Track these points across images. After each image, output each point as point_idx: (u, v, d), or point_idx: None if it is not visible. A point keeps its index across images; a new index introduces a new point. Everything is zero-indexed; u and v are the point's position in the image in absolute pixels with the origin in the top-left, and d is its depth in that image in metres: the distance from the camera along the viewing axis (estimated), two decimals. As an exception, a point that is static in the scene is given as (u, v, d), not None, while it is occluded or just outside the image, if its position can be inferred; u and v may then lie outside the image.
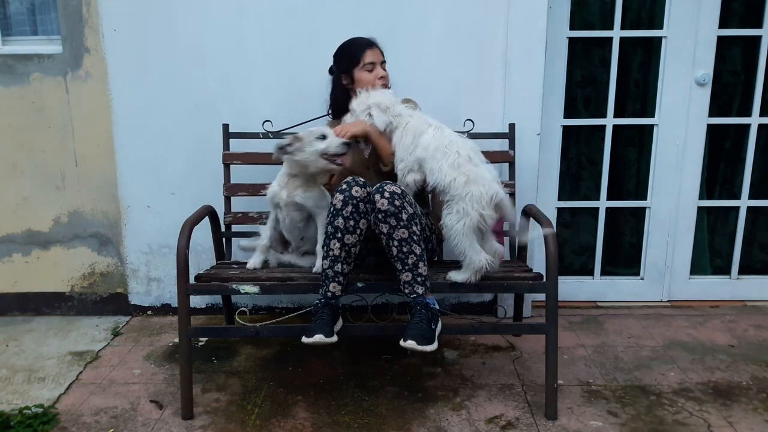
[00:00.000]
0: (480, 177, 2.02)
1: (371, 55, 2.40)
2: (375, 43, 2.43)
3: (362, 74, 2.40)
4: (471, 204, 1.99)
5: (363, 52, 2.40)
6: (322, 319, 2.01)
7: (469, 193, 1.99)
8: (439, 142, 2.08)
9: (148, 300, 3.04)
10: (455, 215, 2.01)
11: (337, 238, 2.03)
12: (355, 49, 2.41)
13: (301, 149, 2.16)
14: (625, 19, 2.86)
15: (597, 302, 3.10)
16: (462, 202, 2.00)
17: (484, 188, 2.00)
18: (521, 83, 2.74)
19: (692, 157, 2.96)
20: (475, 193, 1.99)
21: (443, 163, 2.04)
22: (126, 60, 2.78)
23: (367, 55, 2.39)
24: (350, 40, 2.45)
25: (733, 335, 2.74)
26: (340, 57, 2.45)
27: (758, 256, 3.14)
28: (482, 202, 2.00)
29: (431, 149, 2.08)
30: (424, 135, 2.12)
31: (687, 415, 2.13)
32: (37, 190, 2.94)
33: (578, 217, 3.10)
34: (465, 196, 1.99)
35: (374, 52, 2.41)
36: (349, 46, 2.44)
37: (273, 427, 2.09)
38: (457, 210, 2.01)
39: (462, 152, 2.05)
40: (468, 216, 2.00)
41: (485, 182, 2.02)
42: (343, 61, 2.44)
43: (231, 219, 2.64)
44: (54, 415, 2.16)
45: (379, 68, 2.41)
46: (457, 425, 2.09)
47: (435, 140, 2.09)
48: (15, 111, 2.86)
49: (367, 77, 2.40)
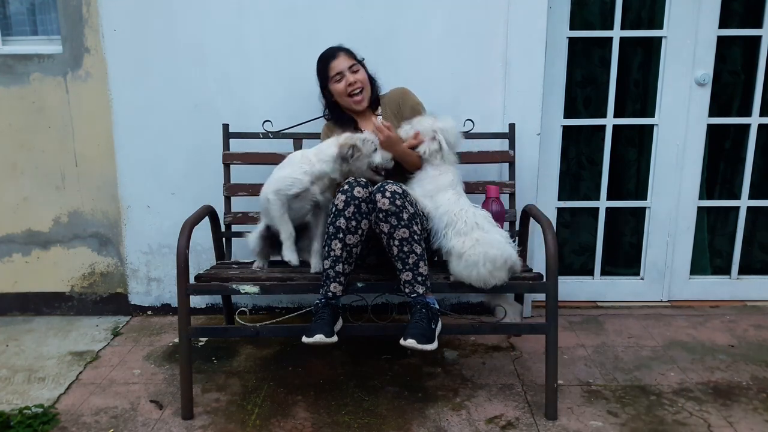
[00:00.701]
0: (494, 241, 2.10)
1: (336, 66, 2.40)
2: (340, 50, 2.43)
3: (334, 86, 2.43)
4: (484, 262, 2.06)
5: (328, 65, 2.42)
6: (323, 319, 2.01)
7: (485, 253, 2.06)
8: (450, 208, 2.17)
9: (148, 300, 3.04)
10: (464, 268, 2.08)
11: (338, 238, 2.04)
12: (322, 65, 2.45)
13: (358, 159, 2.19)
14: (625, 19, 2.85)
15: (597, 302, 3.10)
16: (473, 259, 2.06)
17: (498, 251, 2.07)
18: (521, 83, 2.74)
19: (692, 157, 2.96)
20: (490, 254, 2.06)
21: (449, 231, 2.14)
22: (126, 60, 2.78)
23: (331, 68, 2.41)
24: (320, 56, 2.47)
25: (733, 335, 2.74)
26: (317, 74, 2.49)
27: (758, 256, 3.14)
28: (496, 263, 2.07)
29: (441, 211, 2.18)
30: (442, 193, 2.23)
31: (687, 415, 2.13)
32: (37, 190, 2.94)
33: (578, 217, 3.10)
34: (479, 255, 2.06)
35: (339, 61, 2.41)
36: (319, 62, 2.47)
37: (273, 427, 2.09)
38: (466, 264, 2.07)
39: (468, 221, 2.13)
40: (477, 269, 2.07)
41: (499, 245, 2.09)
42: (319, 78, 2.48)
43: (231, 219, 2.64)
44: (54, 415, 2.16)
45: (347, 75, 2.40)
46: (457, 425, 2.09)
47: (448, 203, 2.19)
48: (15, 111, 2.86)
49: (338, 88, 2.43)
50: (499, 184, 2.62)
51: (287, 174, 2.21)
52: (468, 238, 2.09)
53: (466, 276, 2.08)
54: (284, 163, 2.30)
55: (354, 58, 2.45)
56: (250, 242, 2.36)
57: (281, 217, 2.21)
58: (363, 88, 2.43)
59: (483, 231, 2.12)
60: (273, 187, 2.20)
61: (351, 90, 2.41)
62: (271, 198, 2.19)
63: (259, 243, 2.34)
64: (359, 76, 2.43)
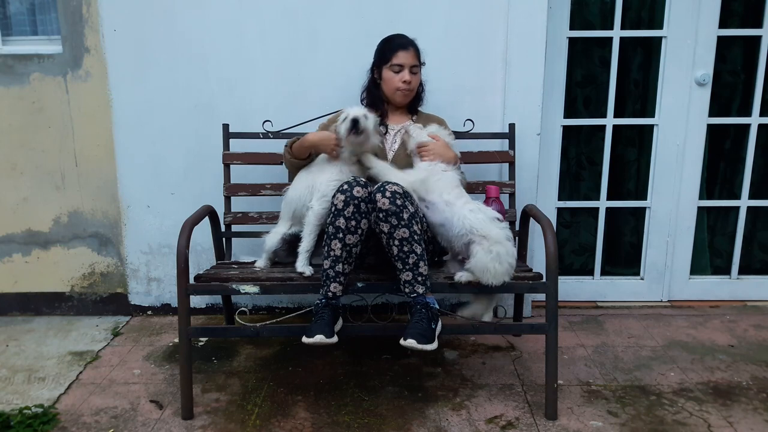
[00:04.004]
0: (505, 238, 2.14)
1: (402, 57, 2.40)
2: (412, 46, 2.43)
3: (388, 73, 2.43)
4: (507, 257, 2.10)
5: (394, 52, 2.41)
6: (323, 319, 2.01)
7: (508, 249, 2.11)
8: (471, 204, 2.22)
9: (148, 300, 3.04)
10: (491, 260, 2.07)
11: (338, 238, 2.04)
12: (389, 47, 2.43)
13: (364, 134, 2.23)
14: (625, 19, 2.86)
15: (597, 302, 3.10)
16: (498, 245, 2.08)
17: (514, 250, 2.16)
18: (521, 83, 2.74)
19: (692, 157, 2.96)
20: (512, 251, 2.12)
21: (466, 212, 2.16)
22: (126, 60, 2.78)
23: (397, 57, 2.40)
24: (390, 37, 2.47)
25: (733, 335, 2.74)
26: (377, 50, 2.48)
27: (758, 256, 3.14)
28: (513, 262, 2.13)
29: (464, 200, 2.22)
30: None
31: (687, 415, 2.13)
32: (37, 190, 2.94)
33: (578, 217, 3.10)
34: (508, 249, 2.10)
35: (406, 55, 2.40)
36: (386, 42, 2.46)
37: (273, 427, 2.09)
38: (495, 256, 2.08)
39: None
40: (501, 263, 2.08)
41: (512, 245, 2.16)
42: (377, 55, 2.48)
43: (231, 219, 2.64)
44: (54, 415, 2.16)
45: (405, 72, 2.41)
46: (457, 425, 2.09)
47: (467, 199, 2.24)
48: (15, 111, 2.86)
49: (391, 78, 2.43)
50: (499, 184, 2.62)
51: (327, 178, 2.22)
52: (502, 230, 2.12)
53: (491, 267, 2.06)
54: (313, 169, 2.30)
55: (419, 60, 2.46)
56: (269, 242, 2.35)
57: (317, 227, 2.21)
58: (411, 92, 2.46)
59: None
60: (321, 192, 2.19)
61: (404, 87, 2.42)
62: (315, 206, 2.20)
63: (280, 245, 2.34)
64: (415, 79, 2.44)
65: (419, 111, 2.56)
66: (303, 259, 2.23)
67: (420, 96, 2.54)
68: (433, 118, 2.54)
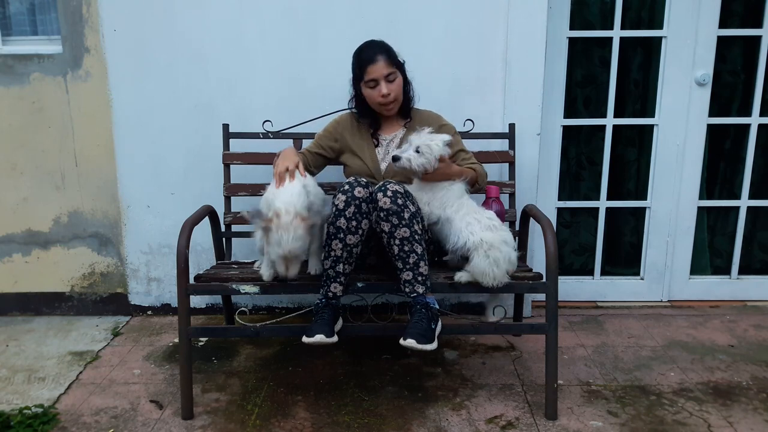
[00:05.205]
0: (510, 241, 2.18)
1: (372, 72, 2.26)
2: (380, 55, 2.27)
3: (366, 90, 2.32)
4: (503, 255, 2.11)
5: (364, 69, 2.28)
6: (323, 319, 2.02)
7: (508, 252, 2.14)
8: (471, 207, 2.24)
9: (148, 300, 3.04)
10: (488, 265, 2.09)
11: (339, 238, 2.03)
12: (359, 63, 2.31)
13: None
14: (625, 19, 2.86)
15: (597, 302, 3.10)
16: (494, 251, 2.10)
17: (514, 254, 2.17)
18: (521, 83, 2.74)
19: (692, 157, 2.96)
20: (512, 258, 2.15)
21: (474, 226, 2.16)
22: (126, 60, 2.78)
23: (368, 73, 2.27)
24: (358, 50, 2.34)
25: (733, 335, 2.75)
26: (352, 65, 2.36)
27: (758, 256, 3.14)
28: (512, 265, 2.16)
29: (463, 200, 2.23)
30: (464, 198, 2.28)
31: (687, 415, 2.13)
32: (37, 190, 2.94)
33: (578, 217, 3.10)
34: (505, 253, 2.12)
35: (376, 68, 2.25)
36: (356, 57, 2.33)
37: (273, 427, 2.09)
38: (492, 260, 2.09)
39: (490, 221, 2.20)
40: (499, 266, 2.11)
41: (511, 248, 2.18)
42: (353, 71, 2.36)
43: (231, 219, 2.64)
44: (54, 415, 2.16)
45: (382, 86, 2.27)
46: (457, 425, 2.09)
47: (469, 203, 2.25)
48: (15, 111, 2.85)
49: (370, 94, 2.32)
50: (499, 184, 2.62)
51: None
52: (497, 234, 2.13)
53: (489, 272, 2.08)
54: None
55: (393, 64, 2.29)
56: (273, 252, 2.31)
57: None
58: (395, 100, 2.34)
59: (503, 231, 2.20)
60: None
61: (383, 101, 2.31)
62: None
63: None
64: (394, 87, 2.29)
65: (412, 110, 2.45)
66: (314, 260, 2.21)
67: (409, 96, 2.42)
68: (427, 115, 2.45)
